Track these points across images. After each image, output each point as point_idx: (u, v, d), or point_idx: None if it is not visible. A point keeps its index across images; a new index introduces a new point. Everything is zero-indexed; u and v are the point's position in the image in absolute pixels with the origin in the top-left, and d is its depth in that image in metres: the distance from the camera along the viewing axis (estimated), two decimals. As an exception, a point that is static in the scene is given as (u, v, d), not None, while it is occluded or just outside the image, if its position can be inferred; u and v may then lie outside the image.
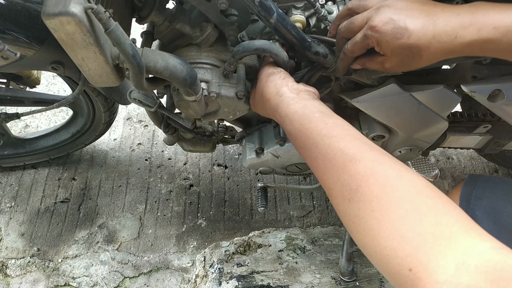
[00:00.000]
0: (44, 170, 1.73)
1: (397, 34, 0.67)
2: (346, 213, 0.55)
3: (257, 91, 0.83)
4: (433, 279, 0.42)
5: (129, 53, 0.66)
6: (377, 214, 0.50)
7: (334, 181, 0.58)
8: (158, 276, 1.49)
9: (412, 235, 0.46)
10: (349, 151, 0.57)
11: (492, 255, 0.41)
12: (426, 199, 0.49)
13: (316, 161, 0.62)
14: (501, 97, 0.88)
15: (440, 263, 0.43)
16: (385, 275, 0.50)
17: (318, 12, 0.84)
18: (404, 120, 0.99)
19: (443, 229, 0.45)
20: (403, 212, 0.48)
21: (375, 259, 0.51)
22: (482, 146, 1.20)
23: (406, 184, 0.51)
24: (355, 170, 0.55)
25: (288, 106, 0.71)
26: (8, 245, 1.54)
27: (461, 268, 0.41)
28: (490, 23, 0.62)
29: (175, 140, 1.22)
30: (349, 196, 0.54)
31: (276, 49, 0.80)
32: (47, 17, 0.59)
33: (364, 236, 0.52)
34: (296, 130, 0.67)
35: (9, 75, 1.25)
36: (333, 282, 1.33)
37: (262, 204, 1.30)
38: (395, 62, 0.72)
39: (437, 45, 0.66)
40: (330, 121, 0.64)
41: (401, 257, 0.46)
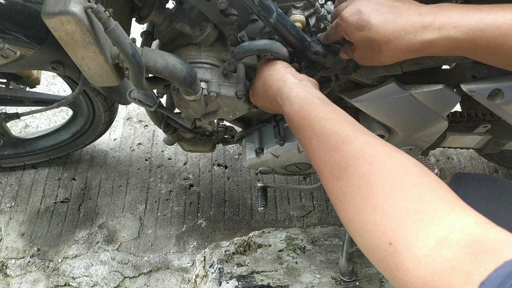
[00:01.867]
0: (44, 170, 1.73)
1: (360, 26, 0.71)
2: (334, 191, 0.56)
3: (259, 80, 0.83)
4: (412, 253, 0.42)
5: (129, 53, 0.66)
6: (363, 191, 0.51)
7: (325, 161, 0.59)
8: (158, 276, 1.49)
9: (395, 210, 0.46)
10: (343, 133, 0.58)
11: (474, 229, 0.41)
12: (412, 177, 0.50)
13: (310, 141, 0.63)
14: (501, 97, 0.89)
15: (420, 238, 0.43)
16: (365, 251, 0.50)
17: (317, 12, 0.84)
18: (404, 119, 0.99)
19: (426, 205, 0.45)
20: (388, 188, 0.49)
21: (358, 235, 0.51)
22: (482, 145, 1.20)
23: (394, 163, 0.52)
24: (346, 150, 0.56)
25: (290, 90, 0.72)
26: (8, 245, 1.54)
27: (442, 243, 0.41)
28: (450, 23, 0.64)
29: (175, 140, 1.22)
30: (338, 174, 0.55)
31: (277, 47, 0.81)
32: (47, 17, 0.59)
33: (349, 212, 0.52)
34: (295, 112, 0.68)
35: (9, 75, 1.25)
36: (333, 282, 1.33)
37: (262, 204, 1.31)
38: (360, 53, 0.76)
39: (395, 42, 0.68)
40: (328, 107, 0.66)
41: (382, 231, 0.46)
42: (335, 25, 0.77)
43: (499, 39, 0.62)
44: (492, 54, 0.64)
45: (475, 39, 0.63)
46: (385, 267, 0.46)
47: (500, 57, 0.64)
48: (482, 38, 0.63)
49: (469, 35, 0.63)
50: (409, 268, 0.42)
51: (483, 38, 0.63)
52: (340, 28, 0.75)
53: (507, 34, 0.61)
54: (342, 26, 0.74)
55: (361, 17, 0.71)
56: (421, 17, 0.66)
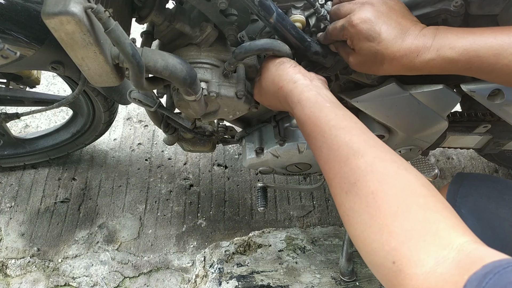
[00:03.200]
0: (44, 170, 1.73)
1: (370, 36, 0.71)
2: (342, 205, 0.58)
3: (266, 80, 0.82)
4: (413, 271, 0.46)
5: (128, 53, 0.66)
6: (370, 209, 0.53)
7: (335, 172, 0.60)
8: (158, 276, 1.49)
9: (400, 231, 0.49)
10: (354, 145, 0.59)
11: (468, 246, 0.45)
12: (418, 198, 0.52)
13: (321, 150, 0.64)
14: (501, 97, 0.89)
15: (421, 257, 0.46)
16: (370, 266, 0.53)
17: (317, 12, 0.84)
18: (404, 119, 0.99)
19: (430, 226, 0.48)
20: (395, 209, 0.51)
21: (363, 251, 0.54)
22: (482, 146, 1.20)
23: (402, 182, 0.54)
24: (356, 164, 0.57)
25: (301, 93, 0.72)
26: (8, 245, 1.54)
27: (440, 261, 0.45)
28: (447, 44, 0.67)
29: (175, 140, 1.22)
30: (347, 188, 0.57)
31: (278, 45, 0.80)
32: (47, 17, 0.59)
33: (356, 229, 0.55)
34: (306, 117, 0.68)
35: (9, 75, 1.25)
36: (333, 282, 1.33)
37: (262, 204, 1.30)
38: (358, 60, 0.76)
39: (399, 59, 0.70)
40: (340, 113, 0.66)
41: (387, 251, 0.49)
42: (341, 28, 0.75)
43: (492, 58, 0.64)
44: (486, 73, 0.67)
45: (469, 59, 0.66)
46: (389, 283, 0.49)
47: (494, 75, 0.67)
48: (476, 58, 0.65)
49: (464, 55, 0.66)
50: (409, 284, 0.46)
51: (477, 58, 0.65)
52: (346, 33, 0.74)
53: (499, 54, 0.64)
54: (350, 31, 0.73)
55: (372, 27, 0.70)
56: (424, 38, 0.69)
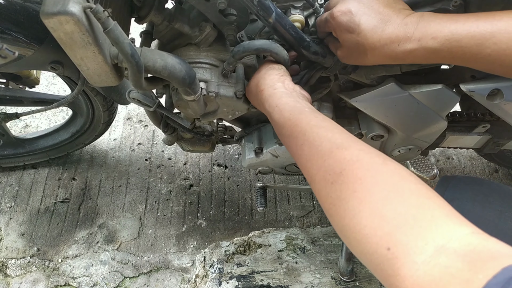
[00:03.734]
0: (44, 170, 1.73)
1: (349, 28, 0.72)
2: (327, 197, 0.55)
3: (253, 81, 0.84)
4: (411, 259, 0.42)
5: (127, 53, 0.66)
6: (359, 194, 0.50)
7: (318, 167, 0.58)
8: (158, 276, 1.49)
9: (393, 215, 0.46)
10: (337, 140, 0.59)
11: (471, 239, 0.41)
12: (409, 184, 0.50)
13: (302, 148, 0.63)
14: (500, 97, 0.88)
15: (419, 244, 0.42)
16: (362, 256, 0.49)
17: (317, 12, 0.84)
18: (403, 119, 0.99)
19: (424, 212, 0.45)
20: (386, 193, 0.48)
21: (353, 240, 0.50)
22: (481, 145, 1.20)
23: (391, 170, 0.52)
24: (341, 155, 0.56)
25: (280, 98, 0.73)
26: (8, 245, 1.54)
27: (440, 250, 0.41)
28: (429, 34, 0.66)
29: (174, 140, 1.22)
30: (332, 179, 0.55)
31: (276, 48, 0.81)
32: (46, 17, 0.59)
33: (344, 217, 0.51)
34: (284, 119, 0.68)
35: (9, 75, 1.25)
36: (333, 282, 1.33)
37: (261, 204, 1.31)
38: (344, 52, 0.77)
39: (381, 49, 0.70)
40: (320, 116, 0.66)
41: (380, 236, 0.46)
42: (325, 20, 0.77)
43: (474, 48, 0.64)
44: (469, 62, 0.66)
45: (451, 49, 0.65)
46: (383, 272, 0.45)
47: (478, 64, 0.66)
48: (458, 48, 0.65)
49: (446, 45, 0.65)
50: (407, 274, 0.42)
51: (459, 48, 0.65)
52: (329, 25, 0.76)
53: (481, 44, 0.63)
54: (332, 24, 0.75)
55: (351, 19, 0.71)
56: (406, 27, 0.68)
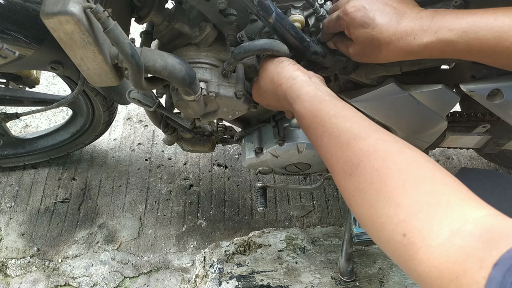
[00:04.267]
0: (44, 170, 1.73)
1: (364, 23, 0.71)
2: (346, 188, 0.56)
3: (265, 79, 0.83)
4: (427, 243, 0.43)
5: (127, 53, 0.66)
6: (376, 185, 0.51)
7: (337, 158, 0.59)
8: (158, 276, 1.49)
9: (408, 203, 0.47)
10: (354, 130, 0.59)
11: (487, 220, 0.42)
12: (425, 171, 0.50)
13: (321, 139, 0.63)
14: (500, 97, 0.88)
15: (434, 229, 0.43)
16: (380, 244, 0.51)
17: (317, 12, 0.84)
18: (403, 119, 0.99)
19: (440, 198, 0.46)
20: (401, 182, 0.49)
21: (372, 228, 0.52)
22: (481, 145, 1.20)
23: (407, 158, 0.52)
24: (358, 147, 0.56)
25: (301, 88, 0.72)
26: (8, 245, 1.54)
27: (455, 233, 0.42)
28: (445, 26, 0.66)
29: (174, 140, 1.22)
30: (351, 171, 0.56)
31: (277, 45, 0.81)
32: (46, 17, 0.59)
33: (362, 207, 0.53)
34: (305, 110, 0.68)
35: (9, 75, 1.25)
36: (333, 282, 1.33)
37: (261, 204, 1.30)
38: (357, 49, 0.76)
39: (396, 43, 0.70)
40: (339, 104, 0.66)
41: (396, 223, 0.47)
42: (336, 18, 0.76)
43: (492, 41, 0.63)
44: (487, 56, 0.66)
45: (468, 41, 0.65)
46: (400, 258, 0.46)
47: (495, 58, 0.66)
48: (476, 40, 0.64)
49: (463, 37, 0.65)
50: (424, 258, 0.43)
51: (477, 40, 0.64)
52: (342, 22, 0.75)
53: (500, 36, 0.62)
54: (345, 20, 0.74)
55: (366, 14, 0.71)
56: (421, 20, 0.68)
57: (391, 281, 1.32)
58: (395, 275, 1.33)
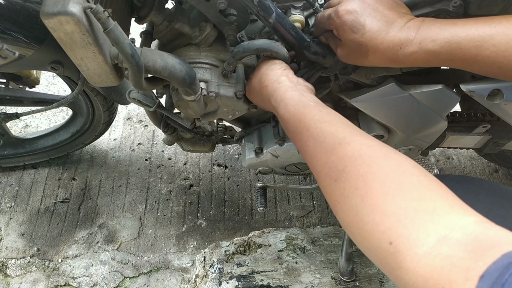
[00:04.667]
0: (44, 170, 1.73)
1: (354, 28, 0.71)
2: (332, 194, 0.56)
3: (255, 78, 0.83)
4: (413, 251, 0.42)
5: (128, 53, 0.66)
6: (361, 191, 0.51)
7: (322, 164, 0.59)
8: (158, 276, 1.49)
9: (394, 210, 0.46)
10: (339, 135, 0.59)
11: (474, 228, 0.41)
12: (411, 177, 0.49)
13: (307, 144, 0.63)
14: (500, 97, 0.88)
15: (420, 236, 0.43)
16: (367, 251, 0.50)
17: (317, 12, 0.84)
18: (403, 119, 0.99)
19: (426, 204, 0.45)
20: (387, 188, 0.49)
21: (358, 236, 0.51)
22: (481, 146, 1.20)
23: (392, 163, 0.52)
24: (343, 152, 0.56)
25: (285, 92, 0.72)
26: (8, 245, 1.54)
27: (442, 241, 0.41)
28: (429, 37, 0.67)
29: (174, 140, 1.22)
30: (336, 176, 0.55)
31: (277, 47, 0.81)
32: (46, 17, 0.59)
33: (348, 214, 0.52)
34: (290, 114, 0.68)
35: (9, 75, 1.25)
36: (333, 282, 1.33)
37: (261, 204, 1.30)
38: (345, 51, 0.77)
39: (383, 51, 0.71)
40: (324, 110, 0.66)
41: (382, 231, 0.46)
42: (328, 17, 0.77)
43: (473, 50, 0.64)
44: (469, 65, 0.67)
45: (451, 51, 0.66)
46: (387, 266, 0.46)
47: (477, 67, 0.67)
48: (458, 50, 0.65)
49: (446, 47, 0.66)
50: (410, 266, 0.42)
51: (459, 50, 0.65)
52: (332, 23, 0.75)
53: (480, 46, 0.63)
54: (336, 22, 0.74)
55: (356, 19, 0.71)
56: (408, 31, 0.69)
57: (391, 281, 1.32)
58: (395, 275, 1.33)
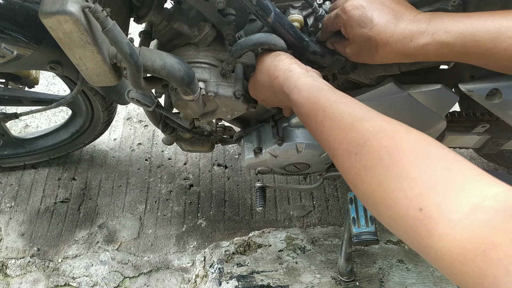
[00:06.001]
0: (44, 170, 1.73)
1: (362, 23, 0.71)
2: (352, 167, 0.54)
3: (262, 72, 0.82)
4: (446, 217, 0.41)
5: (126, 52, 0.66)
6: (385, 161, 0.49)
7: (340, 141, 0.57)
8: (158, 276, 1.49)
9: (423, 177, 0.45)
10: (358, 113, 0.57)
11: (507, 196, 0.40)
12: (436, 149, 0.48)
13: (322, 124, 0.61)
14: (499, 97, 0.88)
15: (453, 203, 0.41)
16: (391, 221, 0.48)
17: (315, 12, 0.84)
18: (402, 119, 0.98)
19: (455, 173, 0.44)
20: (413, 158, 0.47)
21: (381, 206, 0.49)
22: (481, 145, 1.20)
23: (416, 137, 0.51)
24: (363, 127, 0.54)
25: (298, 79, 0.71)
26: (8, 245, 1.54)
27: (476, 208, 0.40)
28: (442, 28, 0.66)
29: (173, 140, 1.22)
30: (356, 150, 0.53)
31: (273, 39, 0.80)
32: (45, 16, 0.59)
33: (371, 184, 0.50)
34: (304, 98, 0.67)
35: (8, 75, 1.25)
36: (333, 282, 1.33)
37: (260, 204, 1.30)
38: (354, 49, 0.76)
39: (393, 45, 0.70)
40: (339, 93, 0.65)
41: (411, 198, 0.44)
42: (334, 16, 0.76)
43: (489, 42, 0.63)
44: (483, 58, 0.65)
45: (465, 43, 0.65)
46: (415, 235, 0.44)
47: (492, 61, 0.65)
48: (473, 42, 0.64)
49: (460, 39, 0.65)
50: (443, 233, 0.40)
51: (473, 42, 0.64)
52: (339, 20, 0.75)
53: (497, 38, 0.62)
54: (343, 18, 0.74)
55: (364, 13, 0.71)
56: (418, 23, 0.68)
57: (391, 281, 1.32)
58: (395, 275, 1.33)
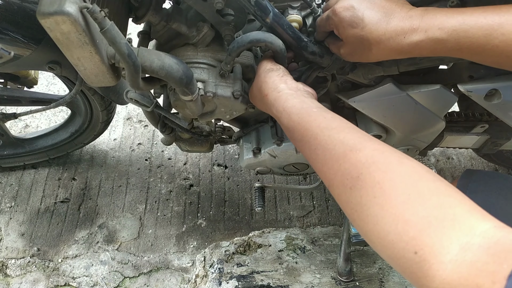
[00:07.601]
0: (44, 170, 1.73)
1: (353, 23, 0.71)
2: (348, 202, 0.55)
3: (255, 86, 0.83)
4: (439, 260, 0.43)
5: (124, 53, 0.66)
6: (379, 200, 0.50)
7: (334, 171, 0.58)
8: (158, 276, 1.49)
9: (416, 219, 0.46)
10: (349, 142, 0.58)
11: (494, 233, 0.42)
12: (428, 183, 0.49)
13: (316, 152, 0.62)
14: (498, 97, 0.88)
15: (444, 244, 0.43)
16: (390, 261, 0.50)
17: (314, 12, 0.84)
18: (401, 120, 0.99)
19: (446, 211, 0.46)
20: (406, 196, 0.48)
21: (379, 246, 0.51)
22: (480, 146, 1.20)
23: (408, 169, 0.52)
24: (356, 158, 0.55)
25: (286, 101, 0.72)
26: (8, 245, 1.54)
27: (465, 247, 0.42)
28: (436, 24, 0.66)
29: (172, 140, 1.22)
30: (351, 184, 0.54)
31: (270, 37, 0.80)
32: (42, 17, 0.59)
33: (367, 223, 0.52)
34: (294, 123, 0.68)
35: (7, 75, 1.25)
36: (333, 282, 1.33)
37: (259, 204, 1.30)
38: (348, 49, 0.76)
39: (386, 42, 0.70)
40: (328, 116, 0.65)
41: (406, 241, 0.46)
42: (326, 18, 0.76)
43: (482, 39, 0.63)
44: (476, 53, 0.66)
45: (458, 40, 0.65)
46: (412, 275, 0.46)
47: (484, 56, 0.65)
48: (465, 38, 0.64)
49: (453, 36, 0.65)
50: (437, 274, 0.43)
51: (466, 39, 0.64)
52: (331, 22, 0.75)
53: (489, 34, 0.62)
54: (334, 20, 0.74)
55: (354, 14, 0.71)
56: (411, 19, 0.68)
57: (391, 281, 1.32)
58: (395, 275, 1.33)
